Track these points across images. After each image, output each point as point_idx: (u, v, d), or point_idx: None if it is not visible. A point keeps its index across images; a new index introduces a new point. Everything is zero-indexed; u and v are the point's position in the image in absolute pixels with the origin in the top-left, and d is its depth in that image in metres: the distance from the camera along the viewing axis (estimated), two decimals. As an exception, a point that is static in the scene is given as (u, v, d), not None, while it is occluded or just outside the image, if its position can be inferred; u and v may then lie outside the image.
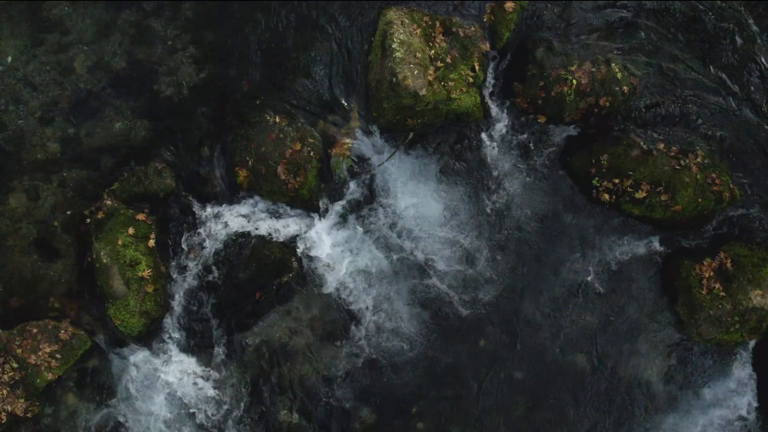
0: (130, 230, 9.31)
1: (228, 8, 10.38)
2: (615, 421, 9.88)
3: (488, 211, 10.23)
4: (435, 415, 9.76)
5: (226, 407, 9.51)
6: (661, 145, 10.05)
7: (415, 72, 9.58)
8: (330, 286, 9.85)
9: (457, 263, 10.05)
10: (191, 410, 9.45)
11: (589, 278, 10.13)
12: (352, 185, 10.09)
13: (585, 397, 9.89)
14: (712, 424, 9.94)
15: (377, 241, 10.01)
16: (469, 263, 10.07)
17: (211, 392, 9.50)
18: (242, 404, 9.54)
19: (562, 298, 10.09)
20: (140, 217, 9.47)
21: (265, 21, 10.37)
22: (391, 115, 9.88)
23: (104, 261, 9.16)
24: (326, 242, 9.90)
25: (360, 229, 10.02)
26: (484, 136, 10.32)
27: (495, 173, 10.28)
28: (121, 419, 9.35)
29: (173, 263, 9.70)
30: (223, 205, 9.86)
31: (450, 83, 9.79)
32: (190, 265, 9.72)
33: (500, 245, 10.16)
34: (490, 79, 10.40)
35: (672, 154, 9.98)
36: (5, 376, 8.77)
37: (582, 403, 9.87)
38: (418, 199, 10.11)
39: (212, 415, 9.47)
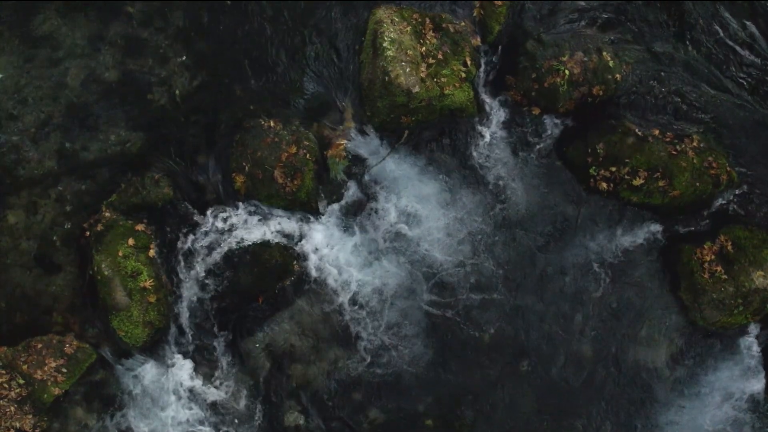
0: (130, 241, 9.31)
1: (218, 15, 10.39)
2: (623, 409, 9.87)
3: (487, 205, 10.23)
4: (444, 412, 9.76)
5: (233, 413, 9.51)
6: (657, 131, 10.06)
7: (407, 70, 9.59)
8: (332, 287, 9.85)
9: (458, 259, 10.05)
10: (199, 418, 9.45)
11: (590, 268, 10.13)
12: (350, 186, 10.10)
13: (592, 386, 9.88)
14: (722, 407, 9.92)
15: (377, 239, 10.01)
16: (469, 258, 10.07)
17: (219, 399, 9.50)
18: (250, 409, 9.54)
19: (565, 288, 10.09)
20: (139, 227, 9.47)
21: (255, 26, 10.38)
22: (386, 114, 9.89)
23: (105, 273, 9.16)
24: (326, 243, 9.90)
25: (359, 229, 10.02)
26: (479, 130, 10.32)
27: (492, 167, 10.28)
28: (130, 431, 9.35)
29: (175, 272, 9.69)
30: (222, 212, 9.86)
31: (442, 79, 9.80)
32: (192, 273, 9.72)
33: (500, 239, 10.16)
34: (482, 74, 10.41)
35: (668, 139, 9.99)
36: (12, 393, 8.77)
37: (589, 393, 9.87)
38: (415, 196, 10.11)
39: (220, 421, 9.47)
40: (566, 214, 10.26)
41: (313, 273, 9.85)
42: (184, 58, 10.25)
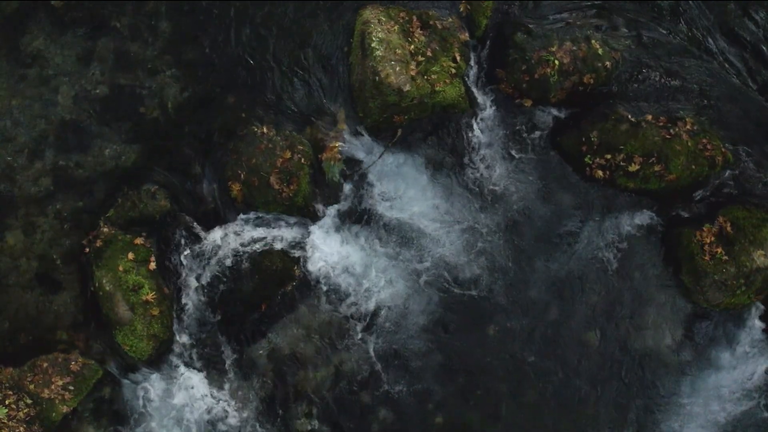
0: (130, 255, 9.31)
1: (205, 24, 10.39)
2: (632, 397, 9.87)
3: (485, 199, 10.23)
4: (452, 408, 9.76)
5: (243, 421, 9.51)
6: (650, 116, 10.06)
7: (397, 69, 9.59)
8: (334, 289, 9.85)
9: (459, 255, 10.05)
10: (209, 428, 9.45)
11: (591, 256, 10.13)
12: (346, 188, 10.10)
13: (599, 374, 9.88)
14: (730, 389, 9.92)
15: (376, 240, 10.02)
16: (470, 253, 10.07)
17: (228, 408, 9.50)
18: (259, 417, 9.54)
19: (567, 278, 10.09)
20: (138, 241, 9.47)
21: (242, 34, 10.38)
22: (378, 114, 9.89)
23: (107, 288, 9.16)
24: (326, 247, 9.90)
25: (358, 230, 10.02)
26: (472, 125, 10.32)
27: (487, 161, 10.28)
28: (140, 444, 9.38)
29: (176, 284, 9.69)
30: (220, 221, 9.86)
31: (433, 76, 9.80)
32: (194, 283, 9.72)
33: (500, 232, 10.16)
34: (472, 68, 10.41)
35: (661, 124, 9.99)
36: (20, 414, 8.77)
37: (597, 381, 9.87)
38: (412, 195, 10.12)
39: (230, 431, 9.47)
40: (563, 205, 10.26)
41: (315, 277, 9.85)
42: (173, 69, 10.25)
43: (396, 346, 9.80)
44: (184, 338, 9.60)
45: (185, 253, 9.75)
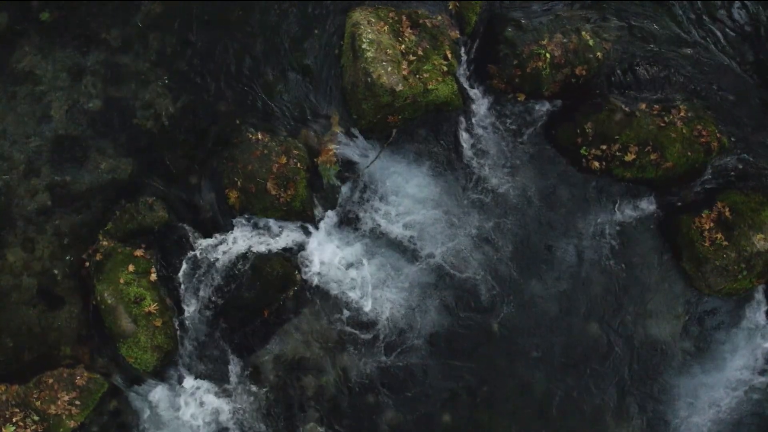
0: (130, 267, 9.31)
1: (196, 34, 10.39)
2: (637, 386, 9.87)
3: (483, 195, 10.23)
4: (460, 406, 9.76)
5: (249, 428, 9.50)
6: (643, 105, 10.05)
7: (389, 69, 9.59)
8: (336, 293, 9.85)
9: (459, 252, 10.05)
10: (217, 437, 9.48)
11: (591, 248, 10.13)
12: (344, 190, 10.10)
13: (603, 365, 9.88)
14: (736, 375, 9.92)
15: (376, 241, 10.01)
16: (471, 251, 10.07)
17: (234, 415, 9.50)
18: (266, 423, 9.54)
19: (568, 271, 10.09)
20: (138, 253, 9.47)
21: (233, 41, 10.38)
22: (372, 115, 9.89)
23: (109, 302, 9.16)
24: (326, 250, 9.90)
25: (357, 233, 10.02)
26: (466, 122, 10.32)
27: (483, 157, 10.28)
28: (149, 456, 9.38)
29: (178, 294, 9.69)
30: (219, 229, 9.85)
31: (425, 75, 9.80)
32: (196, 292, 9.72)
33: (500, 228, 10.16)
34: (464, 66, 10.41)
35: (655, 112, 9.99)
36: (28, 431, 8.77)
37: (602, 372, 9.86)
38: (410, 194, 10.11)
39: (238, 438, 9.50)
40: (562, 198, 10.26)
41: (316, 281, 9.84)
42: (165, 80, 10.25)
43: (400, 347, 9.80)
44: (187, 348, 9.59)
45: (186, 262, 9.74)
